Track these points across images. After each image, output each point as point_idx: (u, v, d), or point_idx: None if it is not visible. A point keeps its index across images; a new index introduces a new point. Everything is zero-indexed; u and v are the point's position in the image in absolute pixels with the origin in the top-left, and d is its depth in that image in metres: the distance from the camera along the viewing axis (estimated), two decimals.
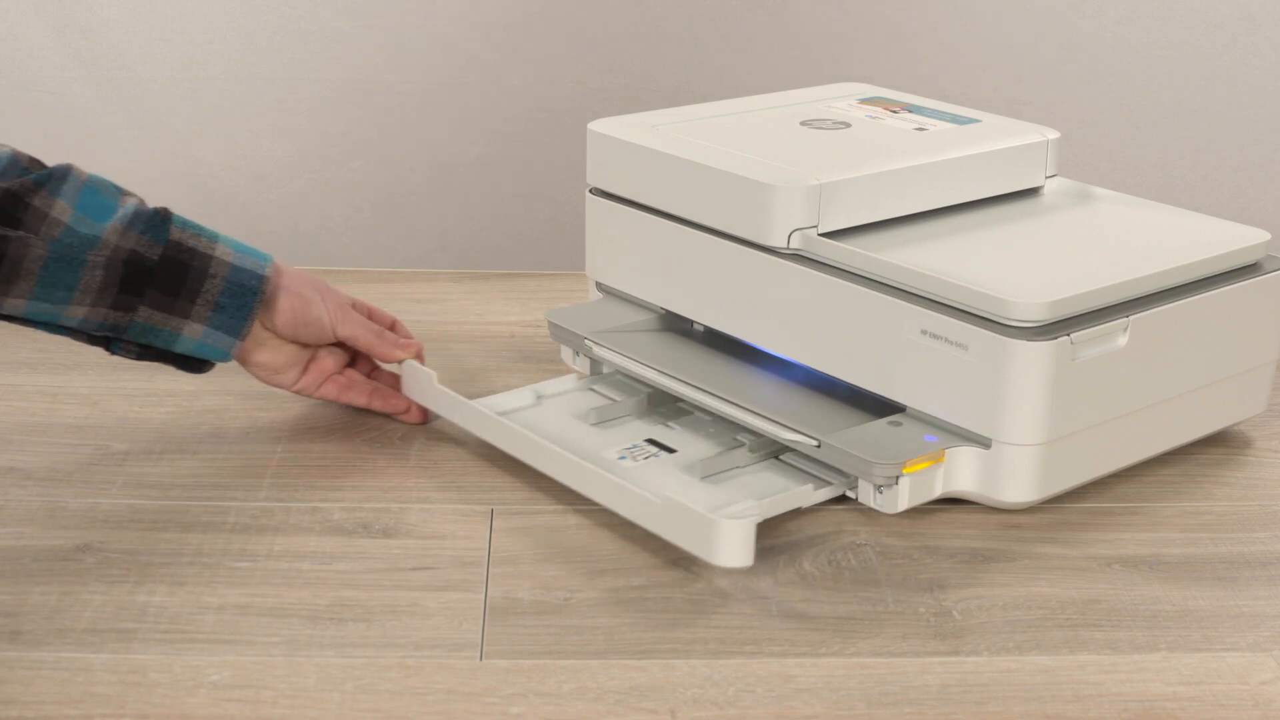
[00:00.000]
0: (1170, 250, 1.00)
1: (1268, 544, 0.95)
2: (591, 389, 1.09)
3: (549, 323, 1.11)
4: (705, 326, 1.08)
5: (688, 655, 0.81)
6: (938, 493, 0.94)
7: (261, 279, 1.01)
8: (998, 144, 1.10)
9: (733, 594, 0.87)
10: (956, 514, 0.96)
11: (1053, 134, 1.12)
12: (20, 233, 0.93)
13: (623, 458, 1.00)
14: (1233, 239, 1.02)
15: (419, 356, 1.08)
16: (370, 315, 1.10)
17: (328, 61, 1.68)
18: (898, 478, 0.91)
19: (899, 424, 0.95)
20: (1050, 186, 1.13)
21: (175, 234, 0.99)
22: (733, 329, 1.05)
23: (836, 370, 0.99)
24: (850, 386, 0.99)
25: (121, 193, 0.99)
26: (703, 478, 0.97)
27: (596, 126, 1.11)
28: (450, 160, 1.72)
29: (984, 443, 0.93)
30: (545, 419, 1.05)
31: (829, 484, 0.95)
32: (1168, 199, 1.13)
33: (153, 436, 1.04)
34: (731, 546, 0.85)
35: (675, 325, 1.11)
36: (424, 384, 1.05)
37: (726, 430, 1.03)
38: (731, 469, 0.98)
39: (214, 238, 1.01)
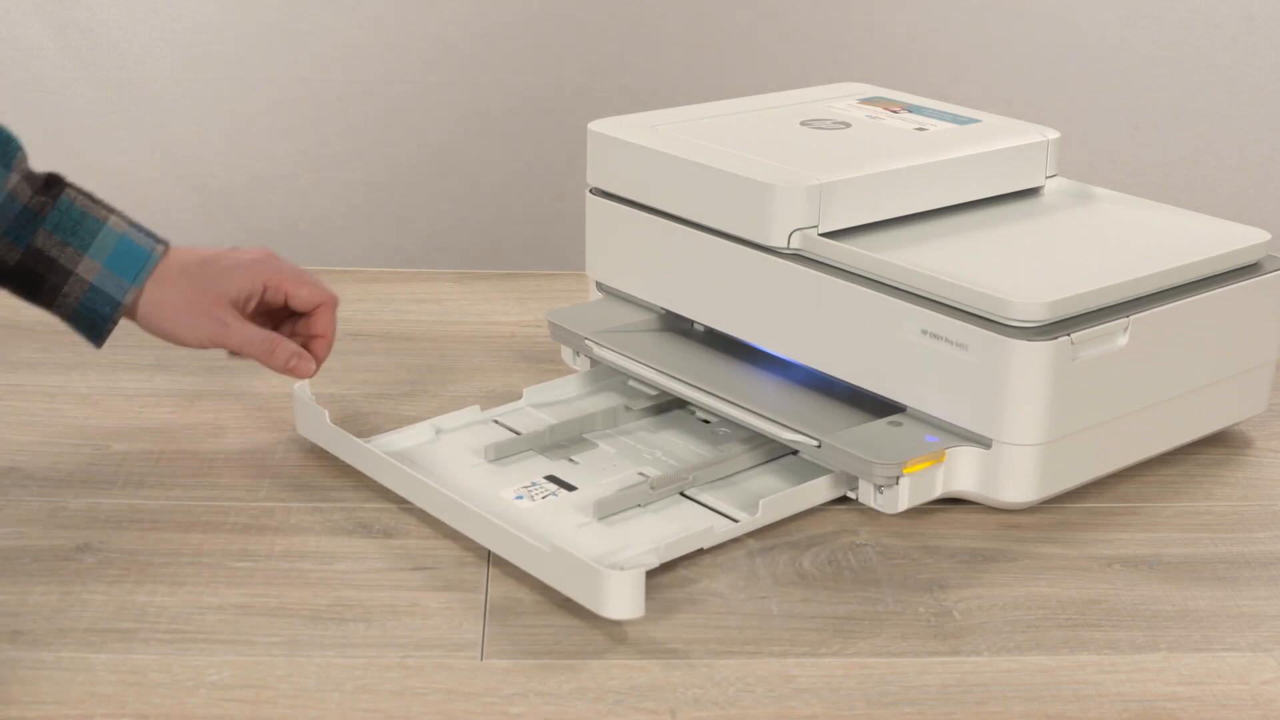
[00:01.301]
0: (1170, 250, 1.00)
1: (1268, 544, 0.95)
2: (495, 421, 1.05)
3: (549, 323, 1.11)
4: (705, 326, 1.08)
5: (688, 655, 0.81)
6: (938, 493, 0.94)
7: (116, 305, 0.97)
8: (998, 144, 1.10)
9: (733, 594, 0.87)
10: (956, 514, 0.96)
11: (1053, 134, 1.12)
12: None
13: (520, 497, 0.95)
14: (1233, 239, 1.02)
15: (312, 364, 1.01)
16: (300, 288, 1.01)
17: (328, 61, 1.68)
18: (898, 478, 0.91)
19: (899, 424, 0.95)
20: (1050, 186, 1.13)
21: (40, 240, 0.96)
22: (733, 329, 1.05)
23: (836, 370, 0.99)
24: (850, 386, 0.99)
25: (12, 159, 0.95)
26: (600, 518, 0.92)
27: (596, 126, 1.11)
28: (450, 160, 1.72)
29: (984, 443, 0.93)
30: (442, 456, 1.00)
31: (735, 521, 0.92)
32: (1168, 199, 1.13)
33: (153, 436, 1.04)
34: (620, 598, 0.81)
35: (675, 325, 1.11)
36: (317, 422, 1.00)
37: (630, 464, 1.00)
38: (633, 508, 0.93)
39: (83, 245, 0.96)
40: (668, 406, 1.07)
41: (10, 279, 0.98)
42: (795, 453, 0.97)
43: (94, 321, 0.99)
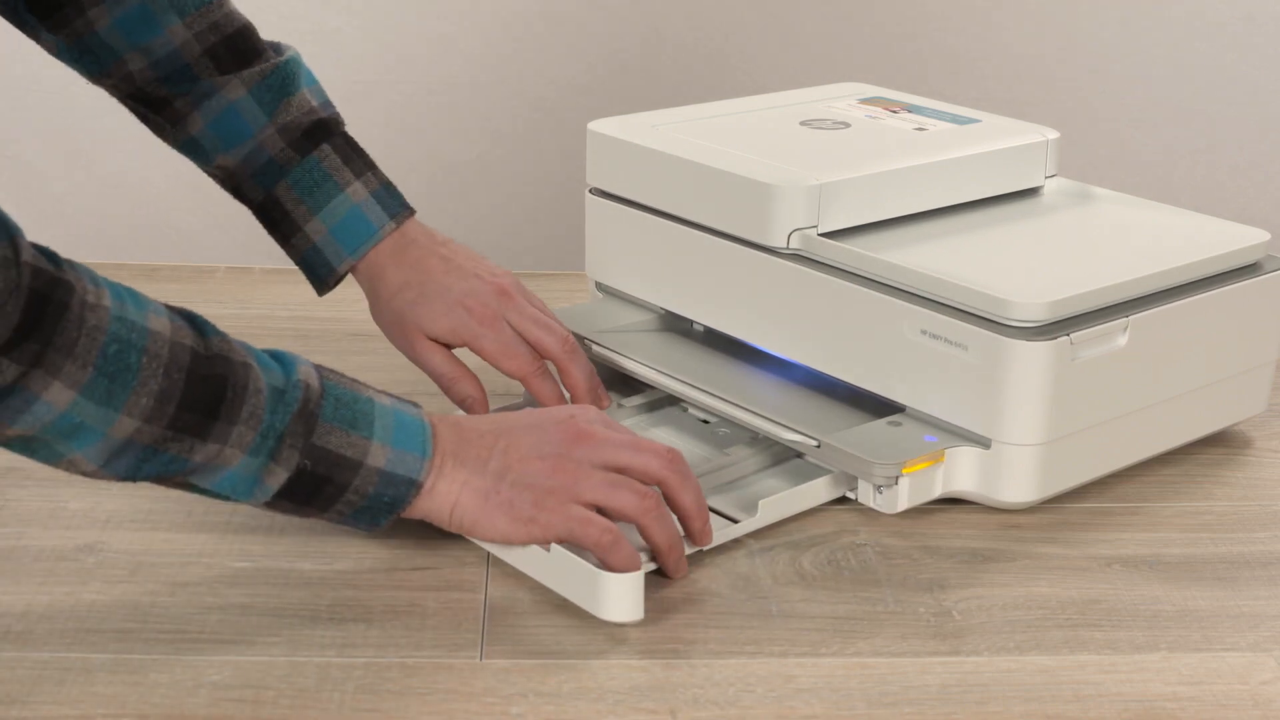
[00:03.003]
0: (1170, 250, 1.00)
1: (1268, 544, 0.95)
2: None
3: None
4: (705, 326, 1.08)
5: (688, 655, 0.81)
6: (937, 493, 0.94)
7: (332, 271, 1.01)
8: (997, 144, 1.10)
9: (733, 594, 0.87)
10: (956, 514, 0.96)
11: (1053, 134, 1.12)
12: None
13: None
14: (1233, 239, 1.02)
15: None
16: (501, 359, 0.99)
17: (328, 61, 1.68)
18: (897, 478, 0.91)
19: (899, 424, 0.95)
20: (1050, 186, 1.13)
21: (280, 190, 0.99)
22: (733, 329, 1.05)
23: (836, 370, 0.99)
24: (850, 386, 0.99)
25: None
26: None
27: (596, 126, 1.11)
28: (450, 160, 1.73)
29: (984, 443, 0.93)
30: None
31: (734, 521, 0.92)
32: (1168, 199, 1.13)
33: None
34: (619, 601, 0.82)
35: (675, 325, 1.11)
36: None
37: None
38: None
39: (316, 207, 1.00)
40: (660, 404, 1.07)
41: (257, 212, 1.02)
42: (801, 455, 0.97)
43: (317, 273, 1.03)
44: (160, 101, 1.00)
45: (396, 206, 1.03)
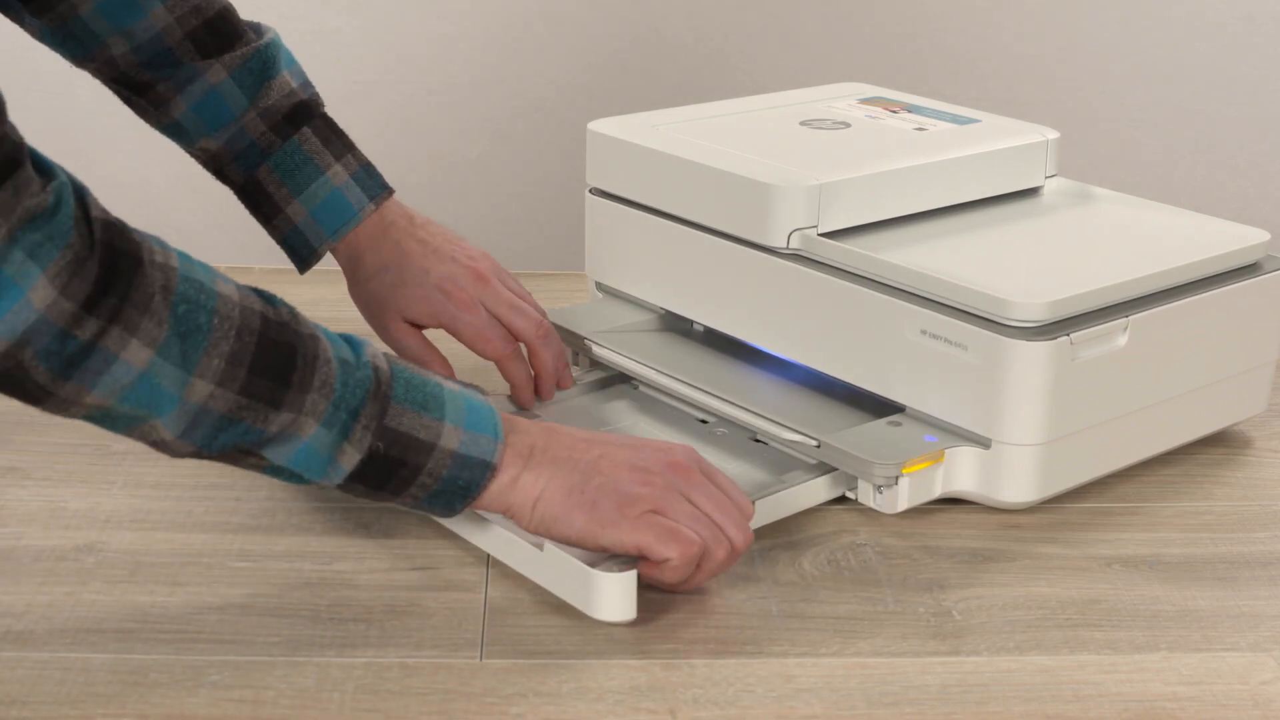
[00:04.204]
0: (1170, 250, 1.00)
1: (1268, 544, 0.95)
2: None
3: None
4: (705, 326, 1.08)
5: (688, 655, 0.81)
6: (937, 493, 0.94)
7: (312, 251, 1.02)
8: (997, 144, 1.10)
9: (733, 594, 0.87)
10: (956, 514, 0.96)
11: (1053, 134, 1.12)
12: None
13: None
14: (1233, 239, 1.02)
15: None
16: (477, 342, 1.03)
17: (328, 61, 1.68)
18: (898, 478, 0.91)
19: (899, 424, 0.95)
20: (1050, 186, 1.13)
21: (262, 173, 1.00)
22: (733, 329, 1.05)
23: (836, 370, 0.99)
24: (850, 386, 0.99)
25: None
26: None
27: (596, 126, 1.11)
28: (450, 160, 1.73)
29: (984, 443, 0.93)
30: None
31: None
32: (1168, 199, 1.13)
33: None
34: (611, 600, 0.82)
35: (675, 325, 1.11)
36: None
37: None
38: None
39: (297, 190, 1.01)
40: (611, 381, 1.09)
41: (239, 193, 1.03)
42: (834, 469, 0.96)
43: (298, 253, 1.04)
44: (143, 85, 1.01)
45: (376, 188, 1.04)
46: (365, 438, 0.79)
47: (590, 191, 1.12)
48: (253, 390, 0.76)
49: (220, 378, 0.75)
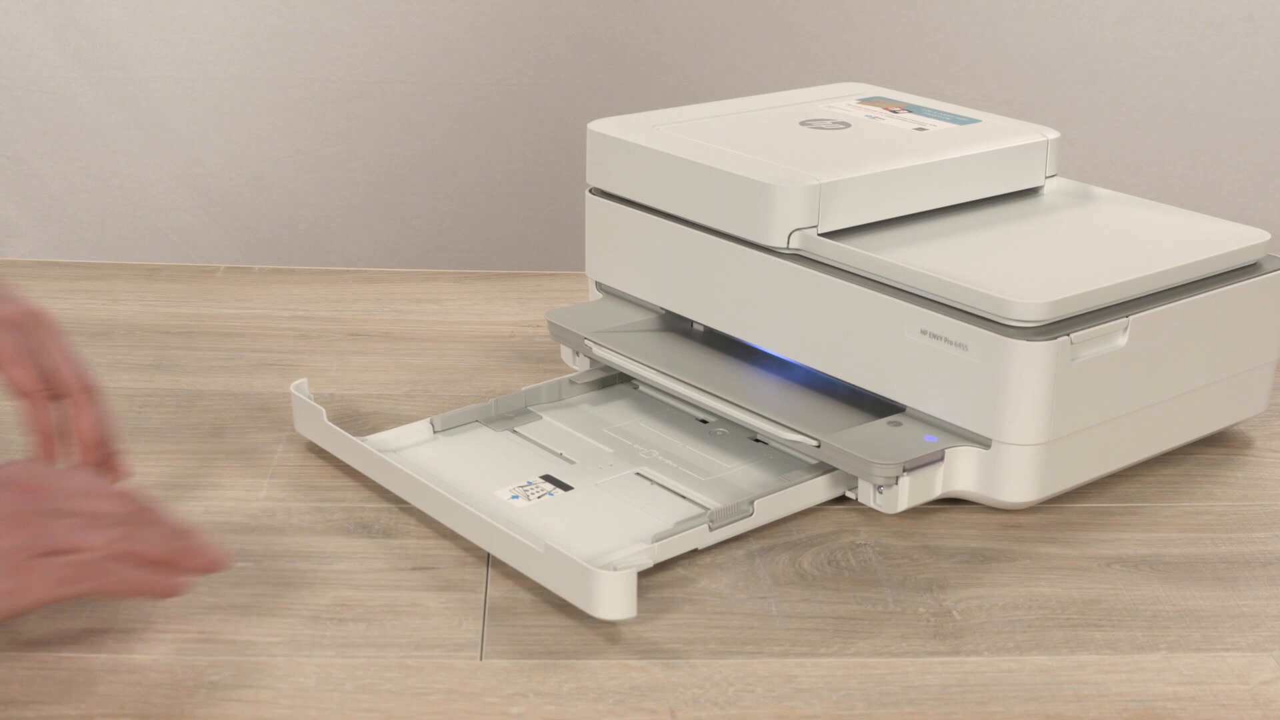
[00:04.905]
0: (1170, 250, 1.00)
1: (1268, 544, 0.95)
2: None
3: (549, 323, 1.11)
4: (705, 326, 1.08)
5: (688, 655, 0.81)
6: (938, 493, 0.94)
7: None
8: (997, 144, 1.10)
9: (732, 594, 0.87)
10: (956, 514, 0.96)
11: (1053, 134, 1.12)
12: None
13: (515, 497, 0.94)
14: (1233, 239, 1.02)
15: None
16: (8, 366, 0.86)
17: (328, 61, 1.68)
18: (897, 478, 0.91)
19: (899, 424, 0.95)
20: (1050, 186, 1.13)
21: None
22: (733, 329, 1.05)
23: (836, 370, 0.99)
24: (850, 386, 0.99)
25: None
26: (656, 542, 0.90)
27: (596, 126, 1.11)
28: (450, 160, 1.73)
29: (984, 443, 0.93)
30: (439, 455, 1.00)
31: (728, 523, 0.91)
32: (1168, 199, 1.13)
33: (153, 436, 1.04)
34: (611, 599, 0.81)
35: (675, 325, 1.11)
36: (314, 421, 1.00)
37: (627, 464, 0.99)
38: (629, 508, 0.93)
39: None
40: (611, 381, 1.09)
41: None
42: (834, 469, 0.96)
43: None
44: None
45: None
46: None
47: (590, 191, 1.12)
48: None
49: None
